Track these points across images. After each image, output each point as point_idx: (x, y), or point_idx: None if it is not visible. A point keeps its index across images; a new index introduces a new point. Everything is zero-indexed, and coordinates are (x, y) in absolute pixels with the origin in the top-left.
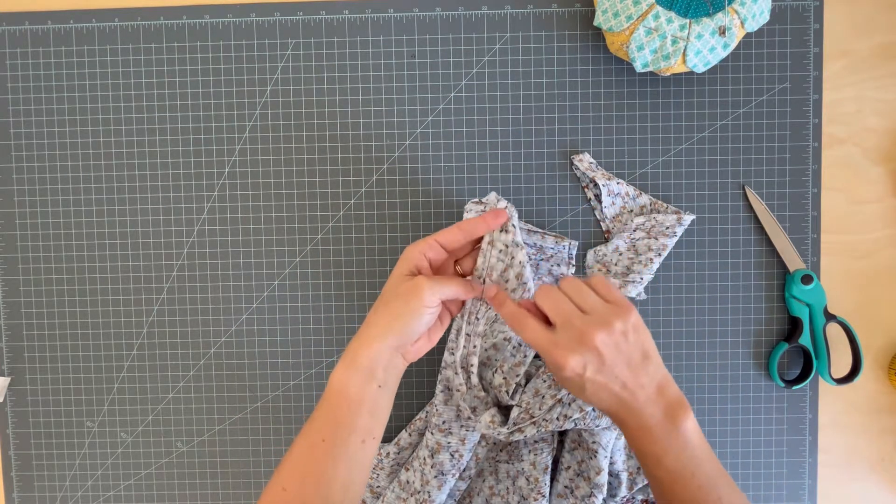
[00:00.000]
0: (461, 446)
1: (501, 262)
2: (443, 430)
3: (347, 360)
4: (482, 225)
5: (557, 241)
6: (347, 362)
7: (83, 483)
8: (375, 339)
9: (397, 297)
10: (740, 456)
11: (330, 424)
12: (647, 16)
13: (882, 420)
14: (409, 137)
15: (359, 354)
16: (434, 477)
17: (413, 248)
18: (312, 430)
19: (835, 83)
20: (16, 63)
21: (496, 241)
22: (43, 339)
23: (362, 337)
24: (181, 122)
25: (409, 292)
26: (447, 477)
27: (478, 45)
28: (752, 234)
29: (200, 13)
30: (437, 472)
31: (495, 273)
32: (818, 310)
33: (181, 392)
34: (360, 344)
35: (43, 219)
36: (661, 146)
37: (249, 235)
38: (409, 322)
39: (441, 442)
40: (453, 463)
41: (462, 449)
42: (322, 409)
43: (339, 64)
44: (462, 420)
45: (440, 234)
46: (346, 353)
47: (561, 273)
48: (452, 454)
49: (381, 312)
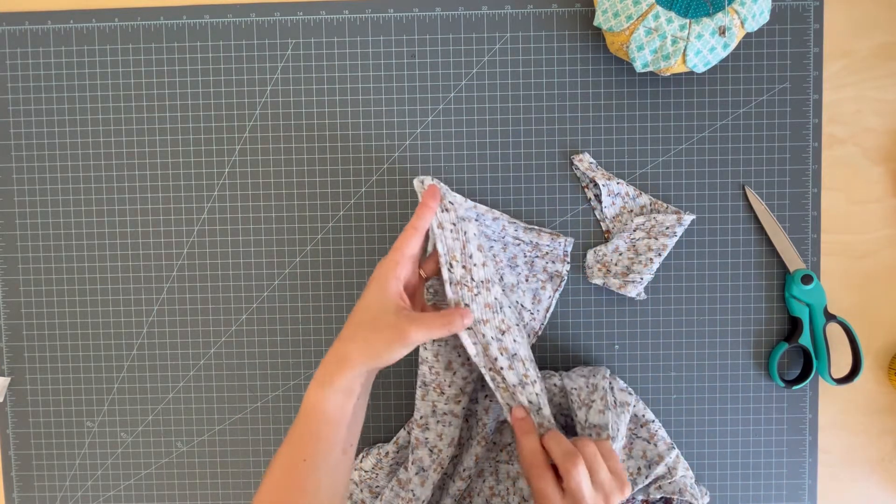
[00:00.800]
0: (439, 441)
1: (458, 241)
2: (420, 426)
3: (325, 381)
4: (427, 210)
5: (553, 238)
6: (325, 382)
7: (83, 483)
8: (356, 363)
9: (377, 332)
10: (740, 456)
11: (310, 444)
12: (647, 16)
13: (882, 420)
14: (409, 137)
15: (337, 376)
16: (415, 474)
17: (387, 272)
18: (291, 450)
19: (835, 83)
20: (16, 63)
21: (443, 223)
22: (43, 339)
23: (340, 357)
24: (181, 122)
25: (393, 338)
26: (429, 473)
27: (478, 45)
28: (752, 234)
29: (200, 13)
30: (418, 468)
31: (458, 253)
32: (818, 310)
33: (181, 392)
34: (339, 366)
35: (43, 219)
36: (661, 146)
37: (249, 235)
38: (390, 358)
39: (419, 437)
40: (433, 458)
41: (440, 444)
42: (300, 430)
43: (339, 64)
44: (438, 416)
45: (404, 246)
46: (323, 372)
47: (556, 270)
48: (431, 450)
49: (359, 340)
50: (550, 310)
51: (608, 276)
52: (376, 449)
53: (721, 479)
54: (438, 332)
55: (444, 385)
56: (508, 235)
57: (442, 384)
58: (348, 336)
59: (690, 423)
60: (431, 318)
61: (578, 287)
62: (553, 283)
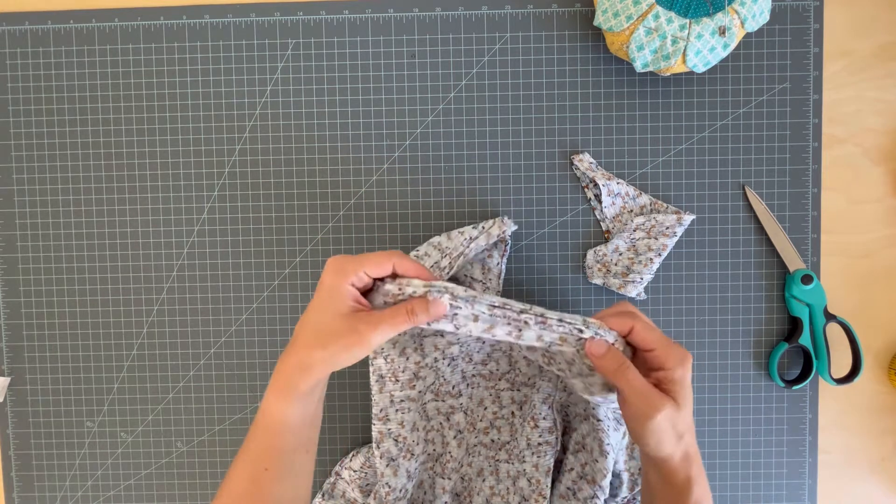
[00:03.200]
0: (401, 429)
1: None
2: (381, 419)
3: (284, 389)
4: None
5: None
6: (284, 390)
7: (83, 483)
8: (318, 370)
9: (335, 337)
10: (740, 456)
11: (272, 454)
12: (647, 16)
13: (882, 420)
14: (409, 137)
15: (301, 383)
16: (386, 465)
17: (343, 279)
18: (252, 460)
19: (835, 83)
20: (16, 63)
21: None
22: (43, 339)
23: (302, 364)
24: (181, 122)
25: (353, 344)
26: (399, 461)
27: (478, 45)
28: (752, 234)
29: (200, 13)
30: (388, 459)
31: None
32: (818, 310)
33: (181, 392)
34: (302, 373)
35: (43, 219)
36: (661, 146)
37: (249, 235)
38: (350, 361)
39: (382, 430)
40: (399, 447)
41: (403, 431)
42: (260, 440)
43: (339, 64)
44: (396, 404)
45: (372, 271)
46: (283, 381)
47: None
48: (395, 439)
49: (318, 347)
50: (502, 275)
51: (608, 276)
52: (365, 448)
53: (721, 479)
54: (398, 328)
55: (399, 371)
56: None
57: (396, 371)
58: (307, 343)
59: None
60: (390, 315)
61: (578, 287)
62: (498, 250)
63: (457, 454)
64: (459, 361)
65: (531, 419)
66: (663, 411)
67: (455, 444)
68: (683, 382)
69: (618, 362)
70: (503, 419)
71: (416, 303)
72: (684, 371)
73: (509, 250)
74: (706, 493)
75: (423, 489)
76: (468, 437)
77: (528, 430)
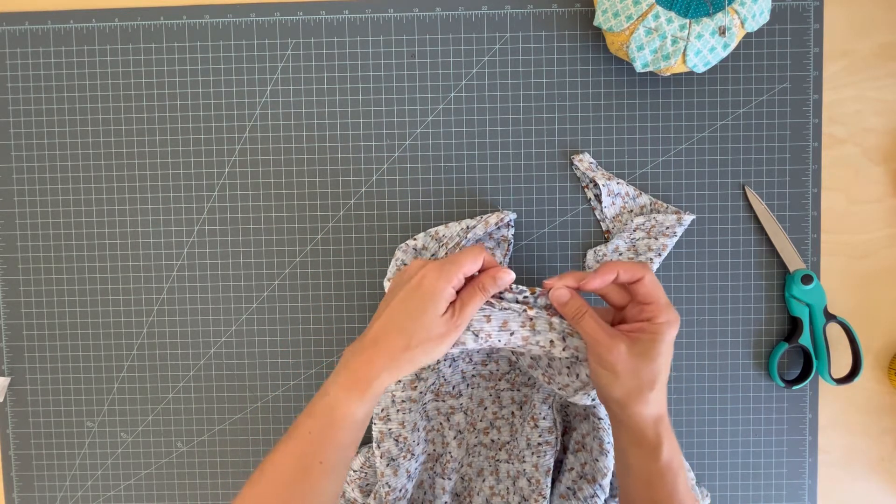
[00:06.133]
0: (402, 429)
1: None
2: (382, 419)
3: (357, 387)
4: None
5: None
6: (360, 388)
7: (83, 483)
8: (403, 370)
9: (440, 338)
10: (740, 456)
11: (331, 447)
12: (647, 16)
13: (882, 420)
14: (409, 137)
15: (372, 385)
16: (386, 465)
17: (444, 280)
18: (306, 452)
19: (835, 83)
20: (16, 63)
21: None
22: (43, 339)
23: (375, 364)
24: (181, 122)
25: (437, 344)
26: (399, 461)
27: (478, 45)
28: (752, 234)
29: (200, 13)
30: (388, 459)
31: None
32: (818, 310)
33: (181, 392)
34: (386, 372)
35: (43, 219)
36: (661, 146)
37: (249, 235)
38: (441, 354)
39: (383, 430)
40: (400, 447)
41: (403, 431)
42: (320, 432)
43: (339, 64)
44: (397, 404)
45: (467, 266)
46: (355, 379)
47: (502, 236)
48: (396, 439)
49: (411, 346)
50: None
51: None
52: (365, 448)
53: (721, 479)
54: (479, 302)
55: None
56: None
57: None
58: (406, 345)
59: (690, 424)
60: (469, 296)
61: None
62: (501, 249)
63: (457, 454)
64: (460, 362)
65: (531, 419)
66: (620, 346)
67: (455, 444)
68: (664, 338)
69: (580, 308)
70: (503, 419)
71: (483, 278)
72: (669, 328)
73: (511, 250)
74: (677, 451)
75: (423, 489)
76: (468, 437)
77: (528, 429)
